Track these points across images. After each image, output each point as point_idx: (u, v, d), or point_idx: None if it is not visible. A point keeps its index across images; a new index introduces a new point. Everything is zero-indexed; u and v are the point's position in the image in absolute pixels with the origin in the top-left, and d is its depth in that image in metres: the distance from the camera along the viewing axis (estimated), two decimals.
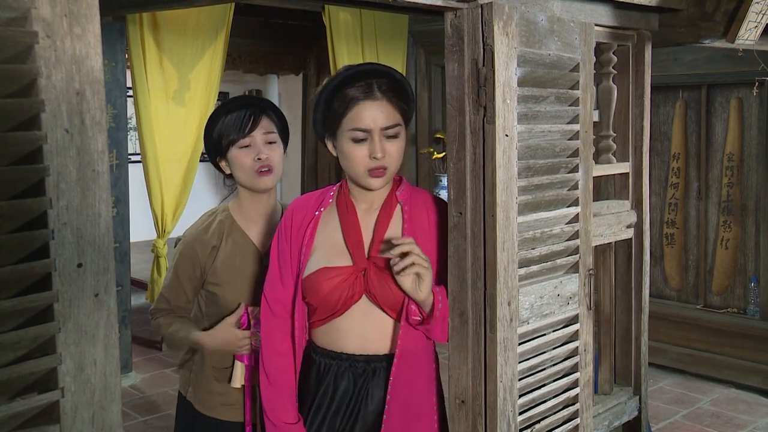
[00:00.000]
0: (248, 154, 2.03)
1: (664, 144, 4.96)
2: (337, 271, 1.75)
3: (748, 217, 4.63)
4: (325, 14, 5.03)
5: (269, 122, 2.07)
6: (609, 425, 2.43)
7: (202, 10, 4.48)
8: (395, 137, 1.73)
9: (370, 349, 1.78)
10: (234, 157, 2.05)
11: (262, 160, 2.02)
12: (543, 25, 1.88)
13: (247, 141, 2.03)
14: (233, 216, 2.12)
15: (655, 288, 4.91)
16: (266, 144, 2.05)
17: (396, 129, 1.73)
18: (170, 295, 2.11)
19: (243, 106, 2.06)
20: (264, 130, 2.04)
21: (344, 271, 1.75)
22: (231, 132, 2.03)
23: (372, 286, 1.74)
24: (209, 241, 2.07)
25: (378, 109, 1.70)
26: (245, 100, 2.13)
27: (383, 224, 1.80)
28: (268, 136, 2.05)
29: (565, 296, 2.00)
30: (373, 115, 1.70)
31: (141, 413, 4.19)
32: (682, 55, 4.62)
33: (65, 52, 1.15)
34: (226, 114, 2.05)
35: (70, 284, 1.17)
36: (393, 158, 1.74)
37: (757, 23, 2.33)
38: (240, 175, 2.06)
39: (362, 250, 1.77)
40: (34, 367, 1.15)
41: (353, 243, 1.78)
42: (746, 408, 4.27)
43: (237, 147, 2.04)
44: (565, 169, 2.01)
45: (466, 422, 1.83)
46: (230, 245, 2.07)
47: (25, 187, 1.15)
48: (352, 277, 1.75)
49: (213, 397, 2.08)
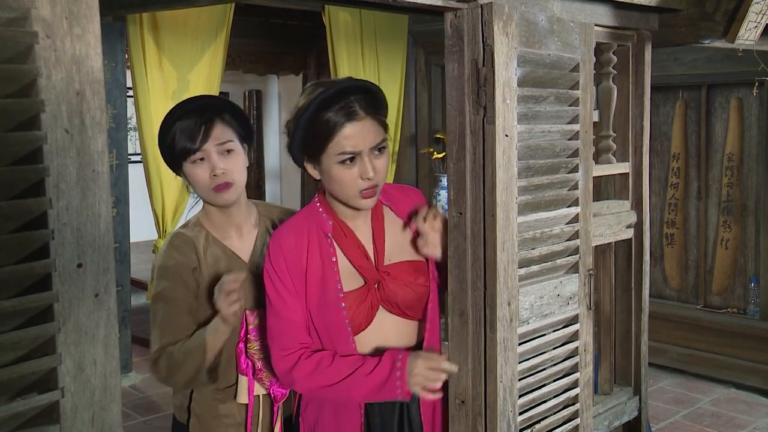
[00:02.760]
0: (203, 169, 1.82)
1: (664, 144, 4.96)
2: (358, 294, 1.73)
3: (748, 217, 4.63)
4: (325, 14, 5.03)
5: (224, 129, 1.84)
6: (609, 425, 2.43)
7: (202, 10, 4.48)
8: (382, 152, 1.67)
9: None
10: (188, 173, 1.85)
11: (218, 176, 1.81)
12: (543, 25, 1.88)
13: (200, 155, 1.81)
14: (207, 229, 1.94)
15: (655, 288, 4.91)
16: (223, 155, 1.83)
17: (384, 143, 1.68)
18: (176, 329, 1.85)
19: (193, 112, 1.83)
20: (217, 140, 1.82)
21: (362, 290, 1.73)
22: (181, 145, 1.81)
23: (390, 294, 1.74)
24: (188, 263, 1.88)
25: (363, 129, 1.63)
26: (195, 104, 1.87)
27: (380, 233, 1.78)
28: (224, 146, 1.83)
29: (565, 296, 2.00)
30: (360, 136, 1.62)
31: (141, 413, 4.19)
32: (682, 55, 4.62)
33: (65, 53, 1.15)
34: (176, 121, 1.83)
35: (70, 284, 1.17)
36: (382, 174, 1.68)
37: (757, 23, 2.33)
38: (198, 190, 1.87)
39: (372, 266, 1.75)
40: (34, 367, 1.15)
41: (361, 263, 1.74)
42: (746, 408, 4.27)
43: (190, 162, 1.83)
44: (565, 169, 2.01)
45: (466, 422, 1.83)
46: (210, 261, 1.90)
47: (25, 188, 1.15)
48: (370, 295, 1.73)
49: (220, 421, 1.96)
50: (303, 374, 1.71)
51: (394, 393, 1.67)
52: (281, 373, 1.75)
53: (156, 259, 1.96)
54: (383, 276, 1.75)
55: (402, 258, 1.78)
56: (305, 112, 1.63)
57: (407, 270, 1.77)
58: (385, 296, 1.74)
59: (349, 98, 1.63)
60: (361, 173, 1.64)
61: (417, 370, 1.65)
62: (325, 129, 1.62)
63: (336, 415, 1.78)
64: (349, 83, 1.66)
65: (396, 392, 1.66)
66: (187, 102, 1.88)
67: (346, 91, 1.64)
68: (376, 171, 1.65)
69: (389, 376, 1.66)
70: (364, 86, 1.67)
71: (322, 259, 1.73)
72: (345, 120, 1.61)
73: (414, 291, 1.76)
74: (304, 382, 1.72)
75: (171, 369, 1.83)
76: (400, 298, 1.75)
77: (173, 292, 1.86)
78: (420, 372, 1.65)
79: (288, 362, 1.73)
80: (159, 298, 1.87)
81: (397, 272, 1.76)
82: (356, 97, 1.64)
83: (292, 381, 1.74)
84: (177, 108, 1.86)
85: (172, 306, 1.86)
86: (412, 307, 1.77)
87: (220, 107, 1.88)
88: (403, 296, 1.75)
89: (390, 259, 1.77)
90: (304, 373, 1.71)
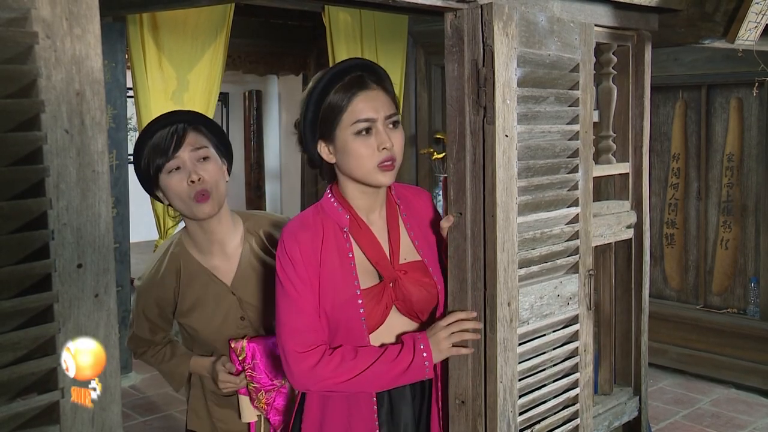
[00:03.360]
0: (180, 179, 1.79)
1: (664, 144, 4.96)
2: (374, 291, 1.70)
3: (748, 217, 4.63)
4: (325, 15, 5.03)
5: (198, 137, 1.83)
6: (609, 426, 2.43)
7: (202, 10, 4.48)
8: (397, 126, 1.67)
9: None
10: (165, 185, 1.82)
11: (196, 183, 1.79)
12: (543, 26, 1.88)
13: (175, 163, 1.79)
14: (186, 247, 1.93)
15: (655, 288, 4.91)
16: (198, 162, 1.81)
17: (397, 117, 1.68)
18: (146, 334, 1.98)
19: (164, 125, 1.82)
20: (192, 146, 1.81)
21: (377, 288, 1.71)
22: (155, 156, 1.80)
23: (406, 293, 1.72)
24: (165, 282, 1.91)
25: (377, 98, 1.64)
26: (167, 119, 1.85)
27: (395, 231, 1.77)
28: (198, 152, 1.81)
29: (565, 297, 2.00)
30: (374, 105, 1.63)
31: (141, 414, 4.18)
32: (682, 56, 4.62)
33: (65, 53, 1.15)
34: (149, 138, 1.83)
35: (70, 285, 1.17)
36: (399, 149, 1.66)
37: (756, 23, 2.33)
38: (177, 203, 1.84)
39: (388, 264, 1.72)
40: (34, 368, 1.15)
41: (378, 260, 1.71)
42: (746, 408, 4.27)
43: (165, 172, 1.80)
44: (565, 170, 2.01)
45: (466, 422, 1.82)
46: (188, 281, 1.90)
47: (25, 188, 1.15)
48: (384, 292, 1.71)
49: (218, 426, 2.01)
50: (329, 370, 1.63)
51: (422, 373, 1.68)
52: (301, 372, 1.64)
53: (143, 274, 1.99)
54: (399, 274, 1.72)
55: (414, 257, 1.77)
56: (315, 90, 1.65)
57: (421, 269, 1.76)
58: (401, 295, 1.72)
59: (357, 72, 1.66)
60: (378, 144, 1.62)
61: (438, 337, 1.69)
62: (339, 100, 1.63)
63: (348, 410, 1.74)
64: (355, 60, 1.71)
65: (424, 372, 1.68)
66: (157, 119, 1.87)
67: (354, 67, 1.67)
68: (393, 142, 1.64)
69: (414, 357, 1.66)
70: (372, 66, 1.71)
71: (339, 255, 1.69)
72: (357, 89, 1.63)
73: (428, 291, 1.75)
74: (329, 379, 1.64)
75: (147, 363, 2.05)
76: (415, 297, 1.73)
77: (147, 309, 1.96)
78: (443, 336, 1.69)
79: (310, 360, 1.63)
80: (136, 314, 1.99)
81: (412, 271, 1.74)
82: (364, 72, 1.67)
83: (316, 379, 1.64)
84: (149, 125, 1.85)
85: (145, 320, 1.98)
86: (425, 308, 1.76)
87: (192, 117, 1.88)
88: (418, 296, 1.73)
89: (405, 258, 1.76)
90: (331, 369, 1.63)
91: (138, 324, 1.99)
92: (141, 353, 2.04)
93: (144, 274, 1.98)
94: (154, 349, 2.02)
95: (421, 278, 1.75)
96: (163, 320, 1.98)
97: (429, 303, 1.76)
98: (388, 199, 1.79)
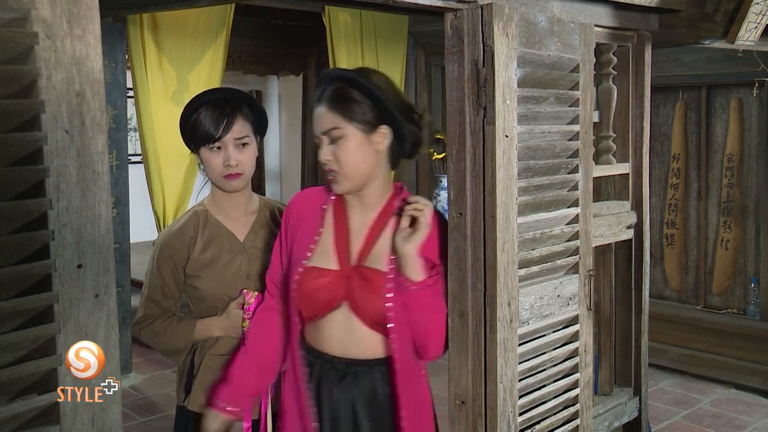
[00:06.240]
0: (218, 158, 1.98)
1: (664, 145, 4.96)
2: (323, 273, 1.74)
3: (748, 217, 4.63)
4: (325, 15, 5.03)
5: (243, 123, 2.00)
6: (609, 426, 2.43)
7: (203, 11, 4.48)
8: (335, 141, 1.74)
9: (351, 353, 1.75)
10: (204, 157, 2.01)
11: (232, 167, 1.98)
12: (543, 26, 1.88)
13: (218, 144, 1.97)
14: (208, 207, 2.10)
15: (655, 289, 4.90)
16: (238, 147, 1.99)
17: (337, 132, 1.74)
18: (158, 297, 2.06)
19: (218, 103, 1.99)
20: (236, 134, 1.98)
21: (330, 274, 1.73)
22: (202, 132, 1.97)
23: (354, 293, 1.71)
24: (185, 233, 2.05)
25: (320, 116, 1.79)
26: (221, 96, 2.04)
27: (375, 232, 1.75)
28: (241, 140, 1.99)
29: (565, 297, 2.00)
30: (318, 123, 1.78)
31: (141, 414, 4.18)
32: (682, 56, 4.62)
33: (65, 53, 1.15)
34: (201, 105, 2.00)
35: (70, 285, 1.17)
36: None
37: (756, 24, 2.33)
38: (210, 173, 2.03)
39: (347, 257, 1.74)
40: (34, 368, 1.15)
41: (341, 248, 1.76)
42: (746, 409, 4.27)
43: (207, 148, 1.99)
44: (565, 170, 2.01)
45: (466, 423, 1.83)
46: (206, 236, 2.05)
47: (25, 188, 1.15)
48: (335, 282, 1.72)
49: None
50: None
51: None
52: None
53: (163, 230, 2.14)
54: (354, 273, 1.72)
55: (378, 266, 1.72)
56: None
57: (378, 280, 1.70)
58: (351, 294, 1.71)
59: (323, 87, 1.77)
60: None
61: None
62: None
63: (295, 391, 1.81)
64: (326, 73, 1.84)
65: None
66: (213, 91, 2.09)
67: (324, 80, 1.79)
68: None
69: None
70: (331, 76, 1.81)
71: (311, 227, 1.80)
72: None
73: (375, 303, 1.69)
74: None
75: (153, 341, 2.07)
76: (366, 304, 1.70)
77: (162, 262, 2.05)
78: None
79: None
80: (151, 270, 2.08)
81: (369, 276, 1.71)
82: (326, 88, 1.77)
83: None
84: (203, 94, 2.04)
85: (158, 277, 2.05)
86: (376, 320, 1.70)
87: (242, 100, 2.05)
88: (368, 304, 1.70)
89: (370, 263, 1.73)
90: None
91: (151, 283, 2.07)
92: (149, 324, 2.07)
93: (165, 229, 2.15)
94: (163, 317, 2.08)
95: (373, 287, 1.69)
96: (174, 282, 2.06)
97: (374, 313, 1.70)
98: (388, 205, 1.77)
